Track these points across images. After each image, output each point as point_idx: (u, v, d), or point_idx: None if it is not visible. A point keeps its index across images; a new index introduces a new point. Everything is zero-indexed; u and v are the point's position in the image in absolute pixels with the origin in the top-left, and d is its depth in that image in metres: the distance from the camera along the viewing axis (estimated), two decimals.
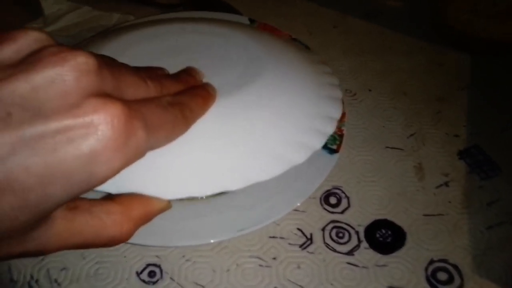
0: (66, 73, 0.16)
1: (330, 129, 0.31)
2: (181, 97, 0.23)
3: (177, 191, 0.25)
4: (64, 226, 0.18)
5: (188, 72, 0.28)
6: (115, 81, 0.18)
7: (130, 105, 0.18)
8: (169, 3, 0.57)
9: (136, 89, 0.20)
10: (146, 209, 0.23)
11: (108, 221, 0.20)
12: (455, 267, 0.32)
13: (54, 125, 0.15)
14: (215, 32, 0.36)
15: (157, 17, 0.51)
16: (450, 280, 0.32)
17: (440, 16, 0.53)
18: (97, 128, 0.16)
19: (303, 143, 0.29)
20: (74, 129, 0.16)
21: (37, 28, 0.17)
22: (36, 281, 0.31)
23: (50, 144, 0.15)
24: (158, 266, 0.32)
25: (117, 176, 0.18)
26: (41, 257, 0.32)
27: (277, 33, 0.45)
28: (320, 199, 0.36)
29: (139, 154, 0.18)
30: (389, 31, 0.55)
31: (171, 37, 0.36)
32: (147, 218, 0.23)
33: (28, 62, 0.16)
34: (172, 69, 0.29)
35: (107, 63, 0.18)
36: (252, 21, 0.47)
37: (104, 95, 0.17)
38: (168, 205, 0.24)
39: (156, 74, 0.25)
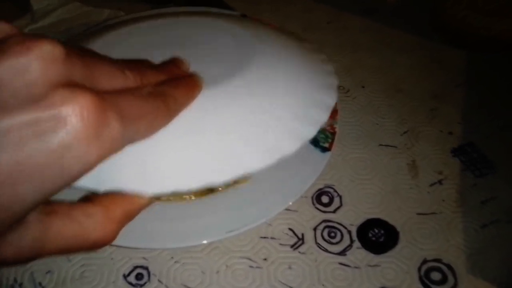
0: (31, 63, 0.15)
1: (324, 116, 0.30)
2: (164, 87, 0.22)
3: (160, 185, 0.23)
4: (41, 231, 0.17)
5: (173, 62, 0.27)
6: (86, 70, 0.17)
7: (104, 95, 0.17)
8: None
9: (111, 79, 0.19)
10: (127, 207, 0.21)
11: (89, 225, 0.19)
12: (449, 266, 0.32)
13: (19, 118, 0.14)
14: (203, 23, 0.36)
15: (147, 13, 0.50)
16: (444, 280, 0.31)
17: (437, 12, 0.52)
18: (66, 120, 0.15)
19: (295, 132, 0.28)
20: (41, 122, 0.15)
21: (0, 19, 0.16)
22: (20, 284, 0.30)
23: (17, 139, 0.14)
24: (146, 268, 0.31)
25: (96, 171, 0.17)
26: None
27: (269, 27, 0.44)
28: (312, 198, 0.36)
29: (115, 147, 0.17)
30: (385, 27, 0.54)
31: (158, 30, 0.35)
32: (129, 217, 0.22)
33: None
34: (158, 62, 0.28)
35: (78, 52, 0.17)
36: (244, 16, 0.46)
37: (73, 85, 0.16)
38: (149, 201, 0.23)
39: (137, 64, 0.24)
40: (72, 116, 0.15)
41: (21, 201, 0.15)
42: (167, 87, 0.22)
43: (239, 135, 0.26)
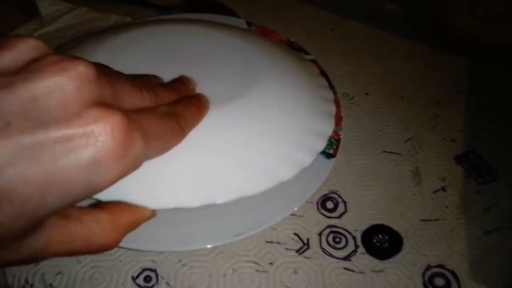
0: (67, 83, 0.16)
1: (321, 146, 0.31)
2: (176, 107, 0.23)
3: (164, 201, 0.25)
4: (56, 233, 0.18)
5: (181, 82, 0.28)
6: (113, 90, 0.18)
7: (129, 115, 0.18)
8: (166, 5, 0.57)
9: (133, 99, 0.20)
10: (133, 217, 0.23)
11: (97, 229, 0.20)
12: (452, 272, 0.32)
13: (54, 134, 0.15)
14: (211, 34, 0.36)
15: (154, 19, 0.50)
16: (447, 286, 0.32)
17: (438, 20, 0.53)
18: (97, 138, 0.16)
19: (292, 159, 0.30)
20: (74, 138, 0.15)
21: (34, 36, 0.17)
22: (31, 285, 0.31)
23: (50, 154, 0.15)
24: (154, 271, 0.32)
25: None
26: None
27: (274, 37, 0.45)
28: (317, 203, 0.36)
29: (137, 164, 0.18)
30: (387, 35, 0.55)
31: (166, 39, 0.35)
32: (134, 226, 0.23)
33: (28, 70, 0.16)
34: (165, 73, 0.28)
35: (105, 72, 0.18)
36: (249, 24, 0.46)
37: (104, 105, 0.17)
38: (153, 213, 0.25)
39: (151, 83, 0.26)
40: (104, 135, 0.16)
41: (45, 209, 0.16)
42: (179, 107, 0.24)
43: (239, 157, 0.28)
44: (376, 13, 0.58)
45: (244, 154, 0.28)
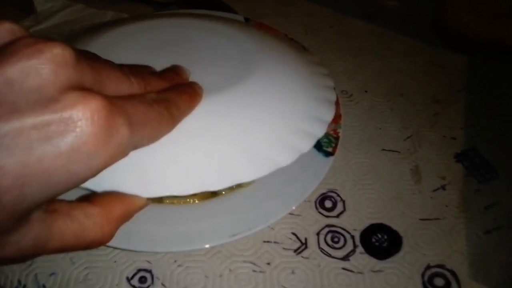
0: (42, 66, 0.15)
1: (320, 132, 0.30)
2: (167, 94, 0.22)
3: (157, 189, 0.24)
4: (43, 230, 0.17)
5: (173, 70, 0.27)
6: (95, 74, 0.17)
7: (112, 100, 0.17)
8: (163, 1, 0.56)
9: (118, 85, 0.19)
10: (125, 208, 0.22)
11: (88, 224, 0.19)
12: (452, 272, 0.32)
13: (30, 121, 0.14)
14: (207, 27, 0.36)
15: (150, 15, 0.50)
16: (447, 286, 0.31)
17: (439, 17, 0.52)
18: (76, 124, 0.15)
19: (291, 145, 0.28)
20: (51, 125, 0.15)
21: (9, 20, 0.16)
22: (24, 286, 0.30)
23: (26, 142, 0.14)
24: (149, 271, 0.31)
25: None
26: (29, 262, 0.31)
27: (272, 32, 0.44)
28: (315, 202, 0.36)
29: (122, 153, 0.17)
30: (387, 32, 0.54)
31: (161, 31, 0.35)
32: (127, 217, 0.22)
33: (2, 54, 0.15)
34: (160, 64, 0.28)
35: (88, 57, 0.17)
36: (247, 20, 0.46)
37: (84, 89, 0.16)
38: (146, 202, 0.23)
39: (141, 70, 0.24)
40: (83, 120, 0.15)
41: (25, 202, 0.15)
42: (171, 94, 0.23)
43: (235, 144, 0.27)
44: (376, 10, 0.58)
45: (240, 140, 0.27)
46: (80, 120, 0.15)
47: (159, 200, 0.33)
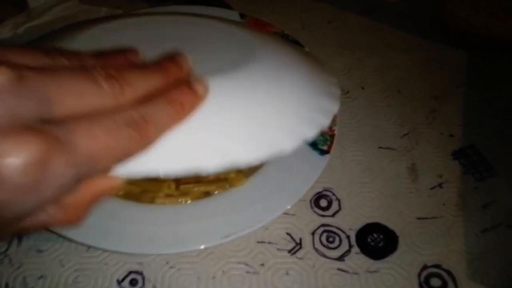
0: None
1: (325, 120, 0.29)
2: (147, 108, 0.18)
3: (149, 166, 0.21)
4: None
5: (172, 60, 0.22)
6: (44, 90, 0.15)
7: (59, 132, 0.14)
8: None
9: (82, 97, 0.16)
10: (97, 188, 0.19)
11: (54, 221, 0.18)
12: (449, 272, 0.31)
13: None
14: (204, 24, 0.35)
15: (145, 11, 0.49)
16: (444, 286, 0.31)
17: (439, 12, 0.51)
18: (3, 177, 0.13)
19: (294, 131, 0.27)
20: None
21: None
22: None
23: None
24: (141, 274, 0.31)
25: None
26: (17, 265, 0.31)
27: (268, 29, 0.44)
28: (311, 201, 0.35)
29: (67, 189, 0.16)
30: (385, 27, 0.53)
31: (155, 26, 0.34)
32: (95, 201, 0.19)
33: None
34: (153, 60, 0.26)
35: (39, 67, 0.15)
36: (243, 15, 0.45)
37: (19, 129, 0.14)
38: (116, 180, 0.20)
39: (119, 65, 0.20)
40: (11, 172, 0.13)
41: None
42: (152, 107, 0.19)
43: (236, 125, 0.25)
44: (374, 5, 0.57)
45: (243, 122, 0.25)
46: (8, 173, 0.13)
47: (151, 200, 0.32)
